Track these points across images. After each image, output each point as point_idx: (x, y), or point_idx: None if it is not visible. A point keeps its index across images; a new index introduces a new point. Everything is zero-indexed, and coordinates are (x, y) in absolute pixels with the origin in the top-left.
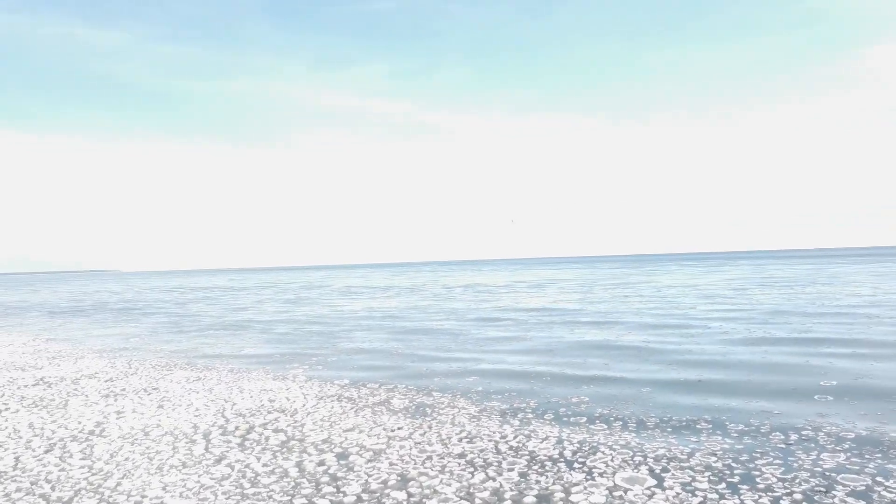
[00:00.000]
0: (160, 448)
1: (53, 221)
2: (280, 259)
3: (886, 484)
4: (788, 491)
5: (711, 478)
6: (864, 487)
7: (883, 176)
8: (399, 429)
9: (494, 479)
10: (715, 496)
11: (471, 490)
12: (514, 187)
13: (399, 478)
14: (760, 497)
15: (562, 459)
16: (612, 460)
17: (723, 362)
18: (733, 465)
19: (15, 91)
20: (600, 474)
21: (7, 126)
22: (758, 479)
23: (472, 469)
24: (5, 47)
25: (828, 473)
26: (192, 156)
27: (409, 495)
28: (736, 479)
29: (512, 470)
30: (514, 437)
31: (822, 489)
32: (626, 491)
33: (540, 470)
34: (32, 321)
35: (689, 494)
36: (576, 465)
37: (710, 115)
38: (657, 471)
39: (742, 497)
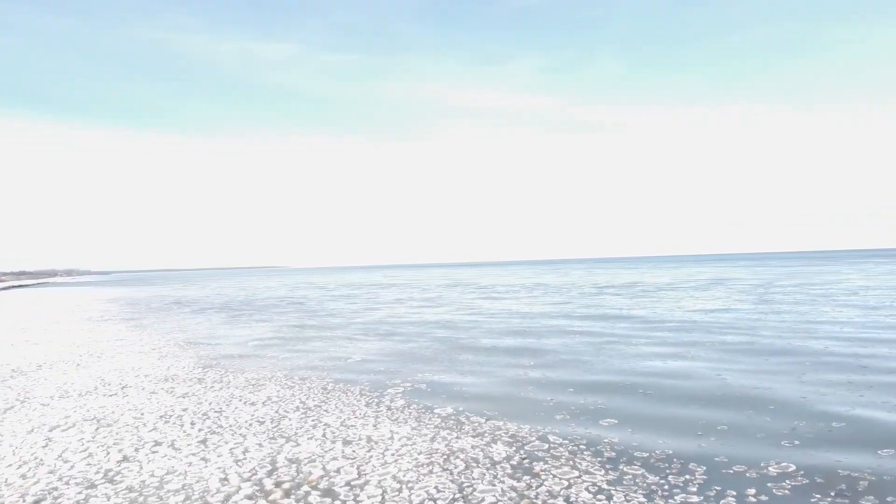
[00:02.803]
0: None
1: (232, 222)
2: (433, 256)
3: None
4: None
5: None
6: None
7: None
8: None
9: None
10: None
11: None
12: (677, 180)
13: None
14: None
15: None
16: None
17: None
18: None
19: (197, 102)
20: None
21: (195, 133)
22: None
23: None
24: (192, 64)
25: None
26: (349, 157)
27: None
28: None
29: None
30: None
31: None
32: None
33: None
34: (174, 318)
35: None
36: None
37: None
38: None
39: None
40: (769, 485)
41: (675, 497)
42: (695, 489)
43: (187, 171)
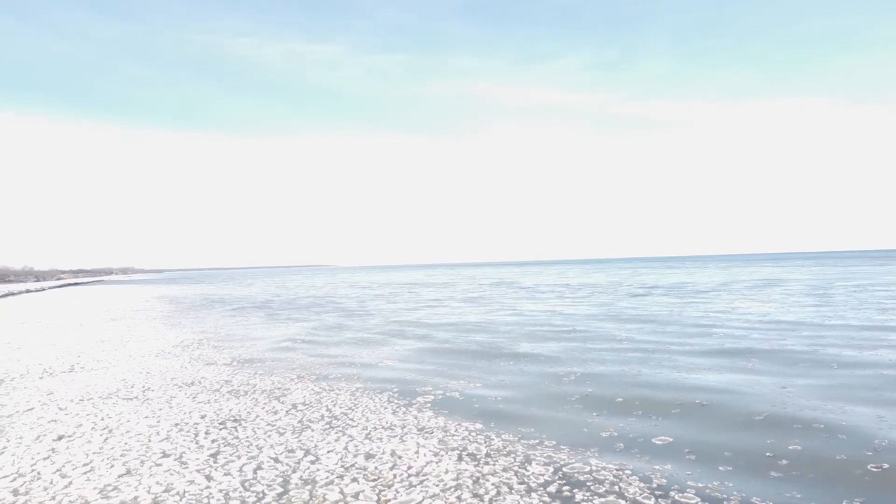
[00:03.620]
0: None
1: (281, 220)
2: (479, 255)
3: None
4: None
5: None
6: None
7: None
8: None
9: None
10: None
11: None
12: (728, 179)
13: None
14: None
15: None
16: None
17: None
18: None
19: (246, 103)
20: None
21: (244, 133)
22: None
23: None
24: (241, 66)
25: None
26: (396, 156)
27: None
28: None
29: None
30: None
31: None
32: None
33: None
34: (213, 317)
35: None
36: None
37: None
38: None
39: None
40: None
41: None
42: None
43: (236, 170)
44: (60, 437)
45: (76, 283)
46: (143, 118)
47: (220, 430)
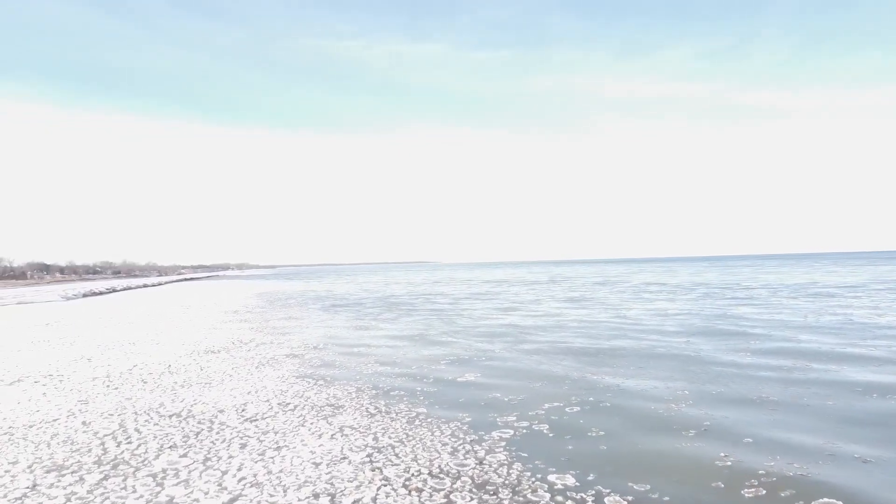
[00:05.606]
0: None
1: (388, 216)
2: (584, 251)
3: None
4: None
5: None
6: None
7: None
8: None
9: None
10: None
11: None
12: (848, 168)
13: None
14: None
15: None
16: None
17: None
18: None
19: (351, 103)
20: None
21: (348, 132)
22: None
23: None
24: (347, 68)
25: None
26: (499, 152)
27: None
28: None
29: None
30: None
31: None
32: None
33: None
34: (303, 314)
35: None
36: None
37: None
38: None
39: None
40: None
41: None
42: None
43: (344, 168)
44: (52, 470)
45: (191, 279)
46: (256, 120)
47: (256, 462)
